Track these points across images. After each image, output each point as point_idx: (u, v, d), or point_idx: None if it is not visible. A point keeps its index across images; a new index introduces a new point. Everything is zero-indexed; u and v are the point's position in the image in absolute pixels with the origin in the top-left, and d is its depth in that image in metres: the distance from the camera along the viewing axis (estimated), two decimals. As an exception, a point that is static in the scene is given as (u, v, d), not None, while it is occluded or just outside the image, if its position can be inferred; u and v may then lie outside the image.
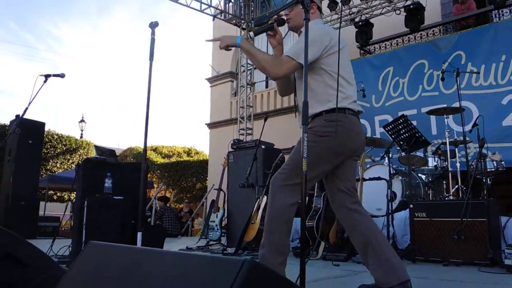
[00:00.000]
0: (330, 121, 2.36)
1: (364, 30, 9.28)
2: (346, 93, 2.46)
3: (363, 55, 10.00)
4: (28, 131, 7.08)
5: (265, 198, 5.17)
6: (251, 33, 2.66)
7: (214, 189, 6.49)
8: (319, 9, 2.76)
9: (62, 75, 4.48)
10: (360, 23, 9.32)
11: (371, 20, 9.32)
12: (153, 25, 3.01)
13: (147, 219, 8.07)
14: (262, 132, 5.60)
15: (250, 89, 11.12)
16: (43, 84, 4.40)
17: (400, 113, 5.87)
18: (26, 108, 4.45)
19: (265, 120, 5.62)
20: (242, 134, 10.49)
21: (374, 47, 10.01)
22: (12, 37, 58.44)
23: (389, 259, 2.27)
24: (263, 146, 5.86)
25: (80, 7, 70.23)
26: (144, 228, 2.96)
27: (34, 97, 4.38)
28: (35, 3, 63.60)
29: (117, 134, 69.22)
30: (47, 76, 4.41)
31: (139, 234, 2.81)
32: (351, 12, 9.68)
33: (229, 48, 2.56)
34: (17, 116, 6.73)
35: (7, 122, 13.53)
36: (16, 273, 2.13)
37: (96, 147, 5.15)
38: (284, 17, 2.73)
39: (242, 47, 2.50)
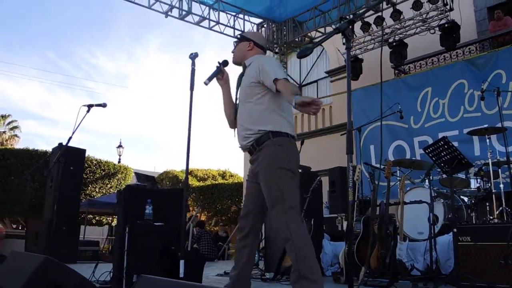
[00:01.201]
0: (279, 145, 2.70)
1: (398, 50, 9.22)
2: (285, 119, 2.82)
3: (398, 75, 9.92)
4: (70, 158, 7.30)
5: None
6: (206, 81, 2.93)
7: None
8: (259, 46, 3.04)
9: (104, 105, 4.65)
10: (394, 43, 9.27)
11: (405, 40, 9.25)
12: (193, 56, 3.10)
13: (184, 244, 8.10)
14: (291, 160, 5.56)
15: (284, 112, 11.15)
16: (86, 114, 4.58)
17: (441, 134, 5.76)
18: (70, 137, 4.63)
19: (302, 144, 5.61)
20: (277, 157, 10.49)
21: (409, 67, 9.92)
22: (51, 66, 60.97)
23: None
24: (300, 170, 5.83)
25: (114, 35, 72.76)
26: (185, 255, 2.99)
27: (78, 126, 4.56)
28: (71, 33, 66.37)
29: (153, 158, 70.44)
30: (89, 106, 4.59)
31: (182, 263, 2.83)
32: (384, 33, 9.65)
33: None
34: (60, 144, 6.95)
35: (48, 148, 14.03)
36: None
37: (137, 174, 5.27)
38: (228, 60, 3.09)
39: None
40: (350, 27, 1.98)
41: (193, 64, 3.10)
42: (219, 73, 3.00)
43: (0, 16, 54.20)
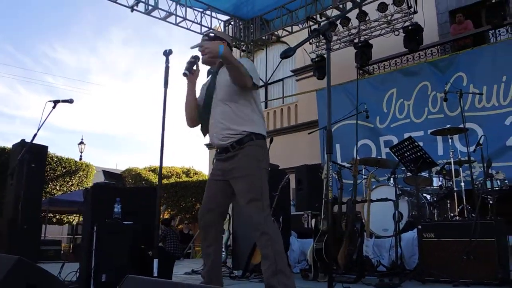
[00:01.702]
0: (260, 146, 2.83)
1: (363, 51, 9.42)
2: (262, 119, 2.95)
3: (362, 75, 10.12)
4: (31, 155, 7.06)
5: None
6: (186, 71, 2.87)
7: (219, 211, 6.47)
8: (230, 47, 3.03)
9: (70, 101, 4.53)
10: (360, 44, 9.46)
11: (370, 41, 9.46)
12: (167, 53, 3.06)
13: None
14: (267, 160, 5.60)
15: (251, 110, 11.17)
16: (52, 110, 4.45)
17: (406, 135, 5.93)
18: (35, 134, 4.50)
19: (271, 142, 5.64)
20: (243, 155, 10.51)
21: (373, 67, 10.15)
22: (10, 59, 58.69)
23: None
24: (268, 168, 5.87)
25: (76, 29, 70.78)
26: (155, 254, 2.96)
27: (43, 122, 4.43)
28: (31, 26, 64.11)
29: (115, 155, 69.03)
30: (55, 102, 4.46)
31: (155, 262, 2.81)
32: (350, 33, 9.83)
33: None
34: (23, 140, 6.73)
35: (6, 145, 13.52)
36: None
37: (105, 172, 5.17)
38: (199, 55, 2.95)
39: (225, 56, 2.66)
40: (330, 28, 2.01)
41: (167, 61, 3.06)
42: (195, 66, 2.93)
43: (-49, 5, 51.58)
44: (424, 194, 5.55)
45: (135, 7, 9.85)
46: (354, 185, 4.80)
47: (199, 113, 2.96)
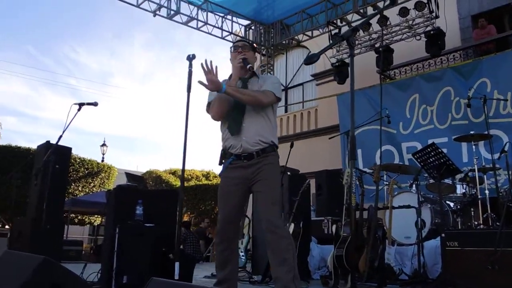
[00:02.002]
0: (277, 157, 3.01)
1: (384, 56, 9.34)
2: None
3: (383, 80, 10.05)
4: (55, 156, 7.20)
5: (292, 225, 5.17)
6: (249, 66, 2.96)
7: (239, 215, 6.49)
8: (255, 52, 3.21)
9: (95, 104, 4.61)
10: (381, 49, 9.39)
11: (391, 46, 9.39)
12: (191, 58, 3.09)
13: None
14: (288, 159, 5.62)
15: (271, 114, 11.18)
16: (76, 113, 4.54)
17: (430, 141, 5.84)
18: (61, 136, 4.60)
19: (291, 147, 5.64)
20: (263, 159, 10.51)
21: (395, 72, 10.06)
22: (33, 61, 59.93)
23: None
24: (288, 173, 5.89)
25: (98, 32, 71.92)
26: (176, 257, 2.98)
27: (69, 124, 4.52)
28: (53, 28, 65.32)
29: (135, 157, 69.78)
30: (81, 105, 4.55)
31: (177, 265, 2.83)
32: (371, 38, 9.77)
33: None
34: (48, 142, 6.86)
35: (30, 145, 13.80)
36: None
37: (127, 174, 5.23)
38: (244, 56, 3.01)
39: (228, 93, 2.83)
40: (354, 35, 2.01)
41: (190, 65, 3.09)
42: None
43: (-20, 9, 53.15)
44: (447, 202, 5.46)
45: (157, 12, 9.98)
46: (376, 192, 4.75)
47: (228, 112, 2.97)
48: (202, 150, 68.42)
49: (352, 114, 1.93)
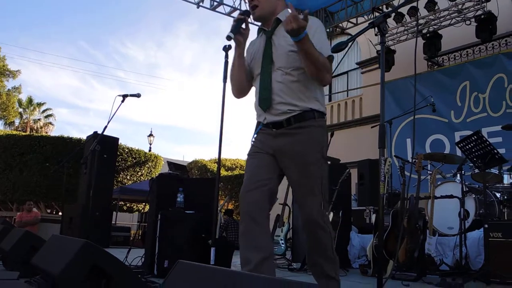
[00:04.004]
0: (323, 127, 2.36)
1: (432, 42, 9.05)
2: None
3: (431, 67, 9.74)
4: (104, 146, 7.50)
5: (331, 214, 5.15)
6: (231, 34, 2.34)
7: (279, 203, 6.54)
8: None
9: (138, 95, 4.76)
10: (428, 35, 9.10)
11: (440, 31, 9.07)
12: (227, 49, 3.12)
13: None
14: (328, 148, 5.57)
15: (313, 103, 11.12)
16: (120, 104, 4.69)
17: (484, 130, 5.62)
18: (106, 126, 4.78)
19: (332, 136, 5.61)
20: (306, 148, 10.49)
21: (443, 58, 9.73)
22: (83, 55, 62.31)
23: None
24: (329, 162, 5.84)
25: (145, 25, 73.63)
26: (213, 242, 3.06)
27: (113, 115, 4.69)
28: (104, 23, 67.60)
29: (182, 147, 71.34)
30: (124, 96, 4.70)
31: (213, 250, 2.90)
32: (418, 24, 9.47)
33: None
34: (95, 132, 7.16)
35: (81, 136, 14.40)
36: (102, 284, 2.30)
37: (169, 163, 5.39)
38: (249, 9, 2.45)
39: (304, 43, 2.10)
40: (385, 21, 1.98)
41: (226, 56, 3.12)
42: (241, 25, 2.39)
43: (35, 5, 55.59)
44: (494, 192, 5.26)
45: (200, 4, 10.10)
46: (418, 181, 4.66)
47: (254, 83, 2.46)
48: (247, 139, 68.88)
49: (382, 102, 1.91)
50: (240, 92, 2.52)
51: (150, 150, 17.84)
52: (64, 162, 6.23)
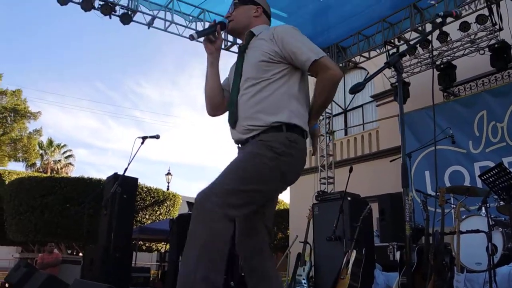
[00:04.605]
0: (291, 141, 2.00)
1: (446, 73, 9.06)
2: (306, 113, 2.14)
3: (447, 98, 9.71)
4: (123, 187, 7.56)
5: (354, 252, 5.05)
6: (194, 34, 2.19)
7: (300, 241, 6.45)
8: (267, 15, 2.38)
9: (157, 137, 4.83)
10: (442, 66, 9.11)
11: (453, 62, 9.08)
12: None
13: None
14: (347, 184, 5.55)
15: (330, 138, 11.11)
16: (140, 145, 4.77)
17: (505, 160, 5.53)
18: (126, 168, 4.85)
19: (350, 171, 5.57)
20: (324, 184, 10.42)
21: (459, 89, 9.70)
22: (101, 96, 63.85)
23: None
24: (349, 198, 5.80)
25: (159, 65, 75.45)
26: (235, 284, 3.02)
27: (134, 157, 4.75)
28: (120, 64, 69.54)
29: (199, 184, 71.47)
30: (144, 138, 4.78)
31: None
32: (431, 55, 9.51)
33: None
34: (115, 174, 7.24)
35: (99, 176, 14.56)
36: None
37: (188, 203, 5.40)
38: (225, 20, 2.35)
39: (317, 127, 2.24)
40: (400, 60, 2.00)
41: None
42: (213, 34, 2.25)
43: (52, 49, 57.51)
44: (521, 225, 5.11)
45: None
46: (442, 216, 4.56)
47: (227, 99, 2.28)
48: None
49: (403, 138, 1.90)
50: (212, 107, 2.32)
51: (168, 189, 17.93)
52: (85, 204, 6.29)
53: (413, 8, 9.03)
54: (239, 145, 2.15)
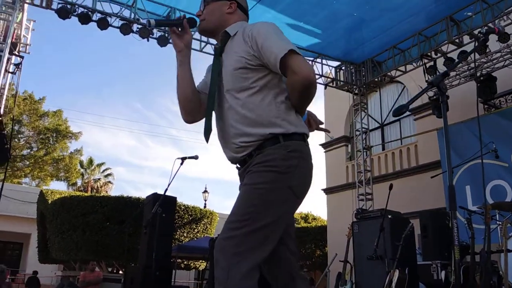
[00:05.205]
0: (290, 151, 1.81)
1: (486, 85, 8.84)
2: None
3: (487, 110, 9.45)
4: (163, 206, 7.69)
5: (396, 272, 4.94)
6: (152, 21, 1.98)
7: (340, 260, 6.37)
8: (242, 9, 2.13)
9: (196, 157, 4.91)
10: (482, 78, 8.90)
11: (494, 74, 8.86)
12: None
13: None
14: (387, 201, 5.46)
15: (367, 153, 10.97)
16: (180, 166, 4.85)
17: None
18: (166, 189, 4.93)
19: (390, 189, 5.48)
20: (362, 200, 10.25)
21: (500, 101, 9.43)
22: (138, 115, 65.46)
23: None
24: (389, 216, 5.69)
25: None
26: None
27: (173, 177, 4.84)
28: (156, 83, 71.15)
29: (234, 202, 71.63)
30: (183, 159, 4.87)
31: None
32: (469, 68, 9.31)
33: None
34: (155, 193, 7.37)
35: (137, 194, 14.85)
36: None
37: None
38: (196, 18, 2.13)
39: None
40: (444, 80, 1.97)
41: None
42: (178, 27, 2.04)
43: (90, 69, 59.56)
44: None
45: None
46: (487, 233, 4.41)
47: (204, 104, 2.07)
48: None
49: (449, 163, 1.87)
50: (187, 113, 2.09)
51: (205, 207, 18.07)
52: (126, 223, 6.43)
53: (449, 20, 8.89)
54: (237, 165, 2.00)
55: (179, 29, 2.03)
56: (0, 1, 7.11)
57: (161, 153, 64.24)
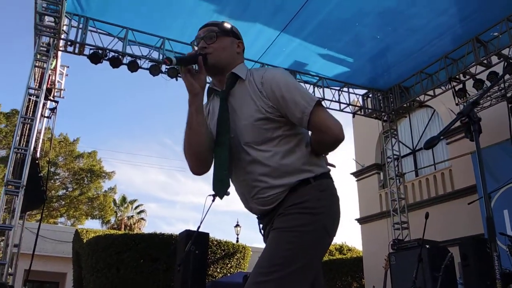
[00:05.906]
0: (322, 190, 1.79)
1: (520, 105, 8.62)
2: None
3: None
4: (195, 242, 7.70)
5: (438, 304, 4.75)
6: (173, 58, 1.76)
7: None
8: (243, 50, 2.00)
9: (227, 194, 4.91)
10: (514, 98, 8.70)
11: (526, 93, 8.65)
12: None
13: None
14: (424, 231, 5.30)
15: (400, 181, 10.75)
16: (212, 203, 4.87)
17: None
18: (199, 226, 4.94)
19: (427, 218, 5.32)
20: (397, 229, 9.98)
21: (535, 121, 9.15)
22: (169, 152, 66.44)
23: None
24: (427, 246, 5.52)
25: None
26: None
27: (206, 214, 4.85)
28: (181, 119, 72.32)
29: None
30: (214, 195, 4.88)
31: None
32: (500, 88, 9.11)
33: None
34: (187, 230, 7.40)
35: (171, 230, 14.89)
36: None
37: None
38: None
39: None
40: (474, 109, 1.94)
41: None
42: (196, 64, 1.83)
43: (120, 107, 61.22)
44: None
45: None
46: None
47: (206, 156, 1.92)
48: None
49: (485, 192, 1.81)
50: (200, 163, 1.92)
51: (237, 241, 17.95)
52: (160, 260, 6.44)
53: (475, 41, 8.81)
54: (259, 216, 1.95)
55: (197, 70, 1.82)
56: (35, 50, 7.46)
57: (192, 188, 64.70)
